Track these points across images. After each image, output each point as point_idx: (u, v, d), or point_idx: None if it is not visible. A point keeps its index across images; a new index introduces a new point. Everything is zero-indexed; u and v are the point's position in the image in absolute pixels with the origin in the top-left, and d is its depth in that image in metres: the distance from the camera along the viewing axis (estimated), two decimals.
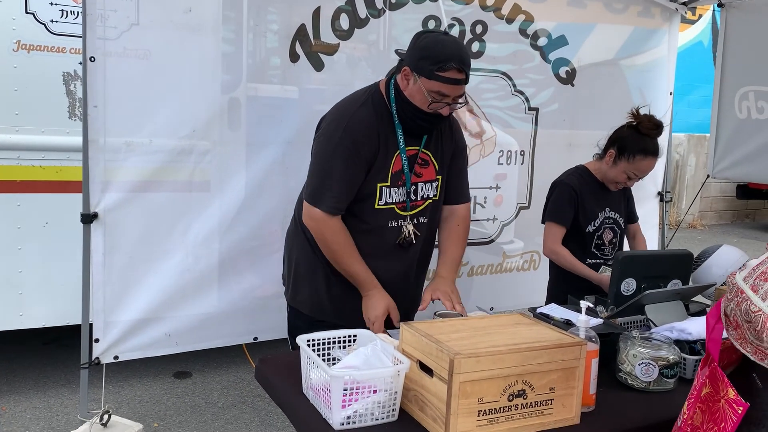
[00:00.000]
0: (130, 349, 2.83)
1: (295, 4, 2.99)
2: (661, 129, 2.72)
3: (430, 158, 2.32)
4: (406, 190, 2.27)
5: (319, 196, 2.18)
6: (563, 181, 2.85)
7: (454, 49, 2.11)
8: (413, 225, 2.32)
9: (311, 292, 2.34)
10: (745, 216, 10.67)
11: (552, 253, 2.85)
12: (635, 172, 2.73)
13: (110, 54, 2.63)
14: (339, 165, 2.16)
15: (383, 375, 1.56)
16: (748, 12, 3.83)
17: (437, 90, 2.11)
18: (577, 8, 3.73)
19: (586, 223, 2.81)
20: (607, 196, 2.86)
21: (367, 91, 2.28)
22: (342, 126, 2.17)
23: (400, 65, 2.20)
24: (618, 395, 1.86)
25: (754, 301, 1.28)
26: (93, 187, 2.66)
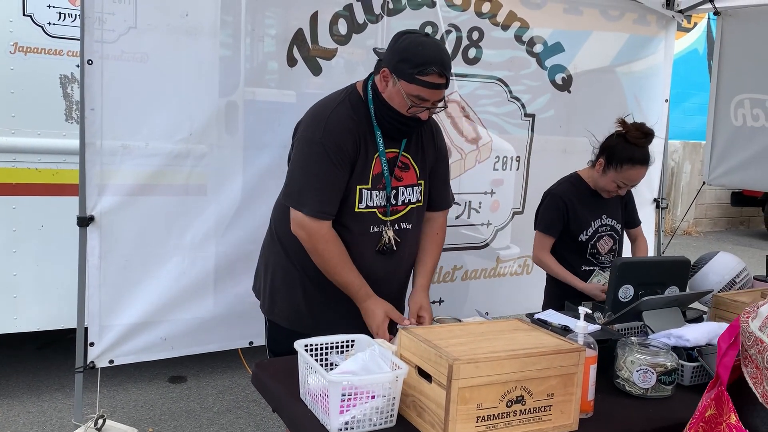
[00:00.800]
0: (125, 353, 2.82)
1: (292, 8, 2.99)
2: (650, 137, 2.69)
3: (411, 162, 2.26)
4: (386, 194, 2.21)
5: (305, 201, 2.10)
6: (553, 191, 2.85)
7: (435, 53, 2.04)
8: (394, 231, 2.24)
9: (289, 304, 2.28)
10: (739, 223, 10.71)
11: (539, 262, 2.88)
12: (624, 181, 2.71)
13: (108, 57, 2.63)
14: (322, 167, 2.09)
15: (381, 380, 1.55)
16: (743, 20, 3.85)
17: (417, 94, 2.05)
18: (573, 15, 3.74)
19: (579, 231, 2.80)
20: (602, 203, 2.85)
21: (344, 91, 2.22)
22: (321, 127, 2.10)
23: (379, 66, 2.14)
24: (616, 401, 1.85)
25: None
26: (89, 190, 2.66)
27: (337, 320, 2.21)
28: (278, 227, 2.32)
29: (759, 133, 3.77)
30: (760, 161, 3.76)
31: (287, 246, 2.27)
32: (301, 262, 2.24)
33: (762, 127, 3.75)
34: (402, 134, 2.21)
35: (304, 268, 2.24)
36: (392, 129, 2.17)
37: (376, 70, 2.16)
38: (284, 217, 2.26)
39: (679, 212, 9.76)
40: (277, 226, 2.33)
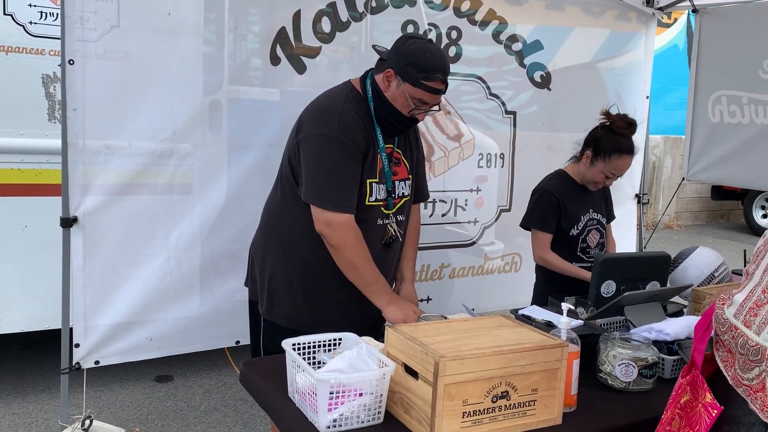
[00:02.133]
0: (111, 353, 2.81)
1: (275, 7, 2.99)
2: (634, 127, 2.77)
3: (402, 158, 2.35)
4: (386, 188, 2.28)
5: (328, 197, 2.13)
6: (543, 187, 2.89)
7: (440, 60, 2.16)
8: (396, 223, 2.34)
9: (289, 305, 2.29)
10: (719, 216, 10.86)
11: (541, 260, 2.88)
12: (612, 171, 2.77)
13: (90, 56, 2.62)
14: (341, 161, 2.13)
15: (369, 378, 1.57)
16: (721, 18, 3.91)
17: (420, 97, 2.16)
18: (554, 11, 3.77)
19: (569, 227, 2.84)
20: (588, 198, 2.90)
21: (342, 89, 2.27)
22: (335, 121, 2.14)
23: (381, 65, 2.21)
24: (599, 395, 1.89)
25: (750, 336, 1.36)
26: (72, 190, 2.64)
27: (337, 316, 2.25)
28: (276, 225, 2.33)
29: (736, 130, 3.83)
30: (737, 157, 3.83)
31: (287, 244, 2.29)
32: (301, 260, 2.27)
33: (738, 123, 3.81)
34: (398, 132, 2.31)
35: (304, 265, 2.27)
36: (390, 127, 2.25)
37: (377, 69, 2.22)
38: (285, 215, 2.30)
39: (661, 206, 9.88)
40: (274, 224, 2.35)
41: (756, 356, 1.36)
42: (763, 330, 1.35)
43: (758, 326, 1.36)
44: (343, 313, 2.27)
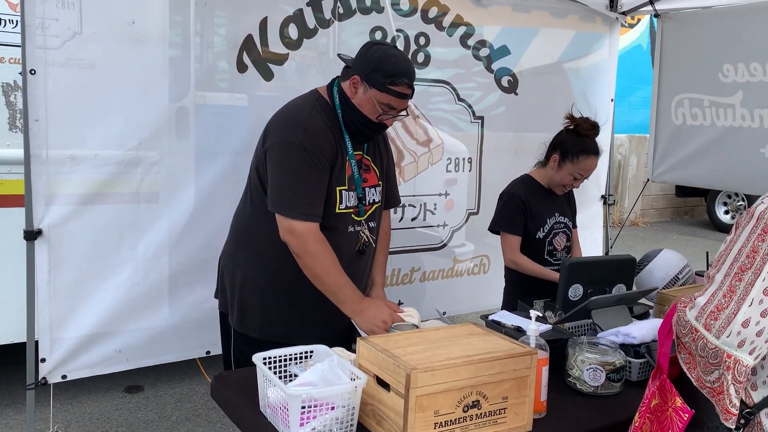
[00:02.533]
0: (78, 367, 2.76)
1: (241, 15, 2.97)
2: (597, 129, 2.84)
3: (371, 164, 2.37)
4: (357, 195, 2.29)
5: (292, 205, 2.12)
6: (510, 191, 2.92)
7: (405, 65, 2.18)
8: (368, 229, 2.35)
9: (261, 316, 2.28)
10: (684, 213, 11.09)
11: (512, 263, 2.90)
12: (581, 173, 2.82)
13: (52, 64, 2.57)
14: (306, 169, 2.12)
15: (341, 392, 1.57)
16: (682, 22, 3.99)
17: (387, 102, 2.17)
18: (520, 13, 3.81)
19: (536, 230, 2.87)
20: (553, 201, 2.94)
21: (309, 97, 2.27)
22: (300, 130, 2.14)
23: (347, 72, 2.22)
24: (568, 400, 1.92)
25: (710, 339, 1.39)
26: (36, 202, 2.59)
27: (310, 326, 2.25)
28: (246, 236, 2.32)
29: (698, 132, 3.92)
30: (700, 158, 3.91)
31: (257, 254, 2.28)
32: (272, 270, 2.26)
33: (700, 125, 3.90)
34: (367, 138, 2.32)
35: (275, 275, 2.26)
36: (359, 133, 2.26)
37: (344, 77, 2.23)
38: (254, 225, 2.29)
39: (627, 204, 10.05)
40: (244, 234, 2.33)
41: (715, 359, 1.40)
42: (722, 334, 1.38)
43: (717, 330, 1.39)
44: (316, 322, 2.26)
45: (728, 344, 1.38)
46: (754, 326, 1.36)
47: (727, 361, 1.38)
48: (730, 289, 1.40)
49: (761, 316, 1.36)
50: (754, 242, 1.39)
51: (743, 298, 1.37)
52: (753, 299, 1.37)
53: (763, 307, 1.36)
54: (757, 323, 1.36)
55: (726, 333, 1.38)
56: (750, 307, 1.37)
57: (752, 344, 1.37)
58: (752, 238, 1.40)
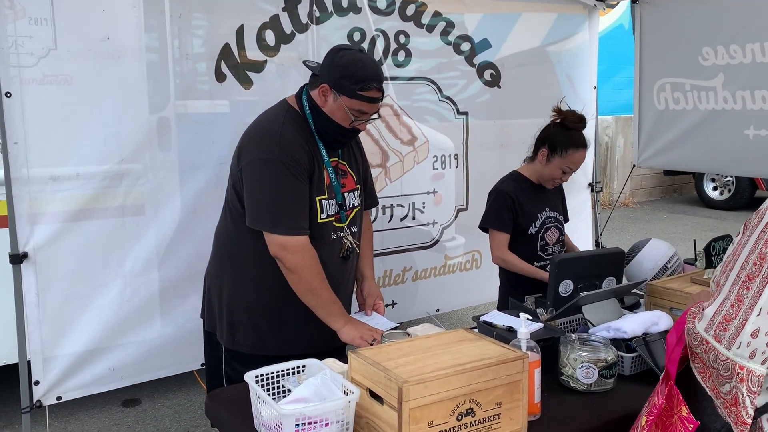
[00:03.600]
0: (73, 387, 2.76)
1: (218, 23, 2.94)
2: (585, 122, 2.83)
3: (348, 169, 2.36)
4: (337, 202, 2.28)
5: (278, 221, 2.11)
6: (498, 188, 2.91)
7: (373, 69, 2.16)
8: (350, 234, 2.34)
9: (252, 332, 2.28)
10: (672, 191, 11.14)
11: (500, 261, 2.89)
12: (570, 166, 2.80)
13: (28, 82, 2.55)
14: (287, 183, 2.11)
15: (334, 408, 1.57)
16: (660, 7, 3.99)
17: (358, 108, 2.16)
18: (501, 0, 3.80)
19: (527, 225, 2.86)
20: (544, 197, 2.93)
21: (279, 109, 2.25)
22: (276, 144, 2.12)
23: (315, 80, 2.19)
24: (562, 399, 1.92)
25: (721, 350, 1.37)
26: (20, 225, 2.58)
27: (301, 339, 2.25)
28: (230, 253, 2.31)
29: (680, 116, 3.93)
30: (684, 142, 3.92)
31: (243, 271, 2.26)
32: (259, 285, 2.25)
33: (683, 109, 3.90)
34: (341, 145, 2.31)
35: (262, 290, 2.25)
36: (333, 140, 2.25)
37: (312, 85, 2.20)
38: (237, 241, 2.27)
39: (616, 185, 10.08)
40: (227, 252, 2.32)
41: (726, 371, 1.37)
42: (732, 345, 1.35)
43: (728, 341, 1.36)
44: (308, 335, 2.26)
45: (739, 355, 1.35)
46: (764, 336, 1.33)
47: (740, 373, 1.35)
48: (738, 299, 1.36)
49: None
50: (761, 249, 1.35)
51: (751, 308, 1.34)
52: (761, 308, 1.33)
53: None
54: (766, 333, 1.33)
55: (736, 344, 1.35)
56: (759, 317, 1.33)
57: (764, 354, 1.34)
58: (759, 244, 1.36)
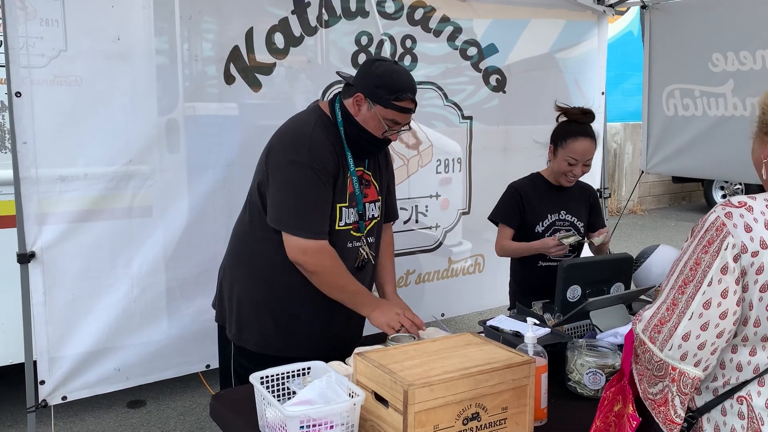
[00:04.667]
0: (78, 388, 2.75)
1: (227, 25, 2.95)
2: (590, 115, 2.79)
3: (372, 179, 2.36)
4: (357, 211, 2.28)
5: (302, 224, 2.12)
6: (512, 184, 2.91)
7: (408, 80, 2.20)
8: (367, 245, 2.34)
9: (259, 329, 2.28)
10: (681, 198, 11.09)
11: (500, 249, 2.88)
12: (572, 156, 2.73)
13: (38, 83, 2.55)
14: (313, 188, 2.13)
15: (339, 410, 1.56)
16: (669, 13, 3.98)
17: (392, 118, 2.19)
18: (509, 6, 3.79)
19: (535, 222, 2.82)
20: (561, 198, 2.87)
21: (311, 114, 2.26)
22: (306, 147, 2.13)
23: (349, 90, 2.22)
24: (569, 404, 1.91)
25: (655, 351, 1.42)
26: (28, 225, 2.58)
27: (308, 340, 2.25)
28: (244, 250, 2.31)
29: (690, 122, 3.91)
30: (693, 148, 3.91)
31: (255, 270, 2.27)
32: (269, 285, 2.26)
33: (692, 116, 3.89)
34: (371, 154, 2.33)
35: (272, 291, 2.25)
36: (362, 149, 2.27)
37: (346, 94, 2.24)
38: (253, 240, 2.28)
39: (624, 192, 10.05)
40: (242, 249, 2.32)
41: (660, 372, 1.42)
42: (665, 347, 1.40)
43: (661, 342, 1.40)
44: (313, 337, 2.26)
45: (671, 357, 1.39)
46: (695, 340, 1.37)
47: (672, 374, 1.40)
48: (673, 302, 1.41)
49: (701, 330, 1.37)
50: (698, 254, 1.39)
51: (684, 312, 1.39)
52: (693, 313, 1.37)
53: (703, 320, 1.37)
54: (697, 336, 1.37)
55: (668, 346, 1.40)
56: (690, 321, 1.37)
57: (695, 357, 1.39)
58: (697, 250, 1.40)
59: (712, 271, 1.36)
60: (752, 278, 1.36)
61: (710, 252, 1.37)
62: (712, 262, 1.36)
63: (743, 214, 1.38)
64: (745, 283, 1.37)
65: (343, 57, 3.27)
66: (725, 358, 1.43)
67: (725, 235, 1.36)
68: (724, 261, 1.35)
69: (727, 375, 1.43)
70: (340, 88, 3.21)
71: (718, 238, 1.37)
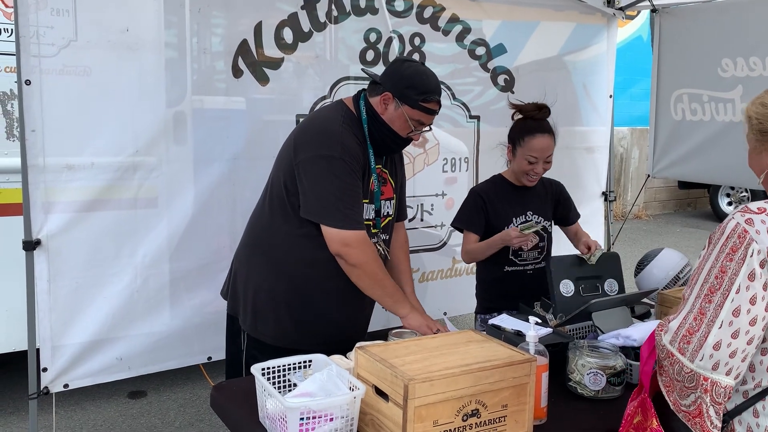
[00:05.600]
0: (80, 376, 2.76)
1: (236, 19, 2.96)
2: (545, 110, 2.70)
3: (388, 177, 2.38)
4: (374, 208, 2.30)
5: (343, 217, 2.13)
6: (473, 188, 2.89)
7: (436, 82, 2.25)
8: (383, 241, 2.36)
9: (275, 322, 2.28)
10: (687, 205, 11.05)
11: (466, 254, 2.80)
12: (531, 154, 2.65)
13: (48, 72, 2.56)
14: (348, 180, 2.15)
15: (339, 403, 1.57)
16: (679, 18, 3.97)
17: (418, 119, 2.23)
18: (519, 7, 3.79)
19: (500, 225, 2.74)
20: (525, 199, 2.80)
21: (337, 110, 2.28)
22: (338, 143, 2.15)
23: (376, 88, 2.24)
24: (569, 404, 1.91)
25: (685, 363, 1.41)
26: (34, 213, 2.59)
27: (324, 335, 2.26)
28: (263, 243, 2.32)
29: (697, 127, 3.90)
30: (700, 154, 3.90)
31: (274, 262, 2.28)
32: (288, 279, 2.27)
33: (700, 120, 3.88)
34: (392, 152, 2.37)
35: (291, 284, 2.27)
36: (384, 147, 2.30)
37: (373, 92, 2.26)
38: (273, 233, 2.29)
39: (630, 197, 10.02)
40: (261, 241, 2.33)
41: (691, 383, 1.41)
42: (696, 357, 1.39)
43: (691, 353, 1.40)
44: (329, 332, 2.27)
45: (702, 367, 1.38)
46: (726, 348, 1.36)
47: (704, 384, 1.38)
48: (701, 312, 1.40)
49: (732, 338, 1.36)
50: (722, 262, 1.38)
51: (713, 321, 1.37)
52: (723, 321, 1.37)
53: (734, 328, 1.36)
54: (728, 345, 1.36)
55: (699, 356, 1.39)
56: (720, 330, 1.37)
57: (727, 365, 1.37)
58: (721, 258, 1.39)
59: (739, 279, 1.35)
60: None
61: (735, 259, 1.36)
62: (738, 269, 1.36)
63: (764, 219, 1.38)
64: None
65: (352, 54, 3.27)
66: (755, 361, 1.42)
67: (749, 242, 1.35)
68: (750, 268, 1.35)
69: (757, 378, 1.43)
70: (347, 84, 3.28)
71: (742, 245, 1.36)
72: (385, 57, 3.35)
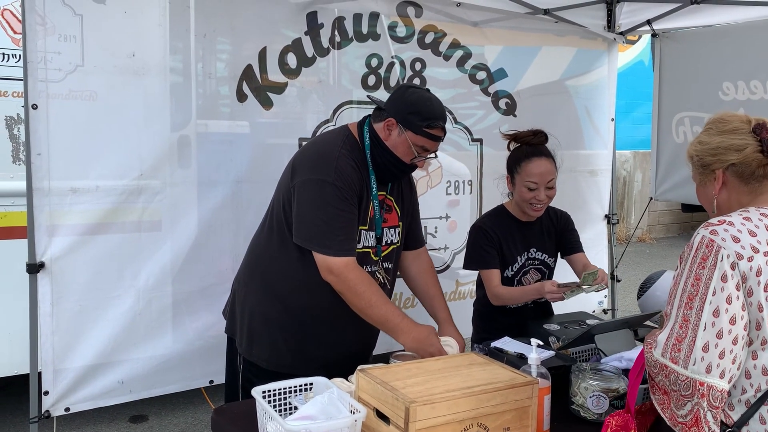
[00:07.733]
0: (81, 399, 2.76)
1: (241, 45, 3.00)
2: (541, 135, 2.64)
3: (393, 204, 2.36)
4: (375, 236, 2.29)
5: (330, 243, 2.12)
6: (479, 225, 2.75)
7: (440, 108, 2.23)
8: (384, 270, 2.33)
9: (270, 345, 2.28)
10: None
11: (496, 298, 2.65)
12: (530, 180, 2.56)
13: (54, 97, 2.60)
14: (340, 206, 2.13)
15: (340, 426, 1.56)
16: (680, 42, 4.00)
17: (422, 145, 2.21)
18: (520, 33, 3.83)
19: (504, 267, 2.68)
20: (527, 235, 2.72)
21: (339, 134, 2.28)
22: (332, 167, 2.14)
23: (380, 114, 2.24)
24: (571, 428, 1.90)
25: (680, 371, 1.45)
26: (38, 236, 2.61)
27: (319, 359, 2.24)
28: (261, 265, 2.32)
29: None
30: None
31: (270, 285, 2.28)
32: (283, 302, 2.26)
33: None
34: (396, 179, 2.34)
35: (286, 307, 2.26)
36: (388, 174, 2.28)
37: (376, 118, 2.26)
38: (270, 256, 2.28)
39: (633, 220, 10.01)
40: (259, 263, 2.33)
41: (687, 390, 1.44)
42: (689, 362, 1.44)
43: (684, 360, 1.45)
44: (325, 357, 2.26)
45: (697, 372, 1.43)
46: (714, 349, 1.42)
47: (701, 389, 1.42)
48: (684, 319, 1.46)
49: (717, 338, 1.42)
50: (696, 271, 1.46)
51: (697, 324, 1.44)
52: (705, 323, 1.43)
53: (717, 329, 1.42)
54: (716, 345, 1.42)
55: (692, 361, 1.44)
56: (705, 332, 1.43)
57: (719, 367, 1.42)
58: (694, 268, 1.47)
59: (713, 282, 1.44)
60: (754, 281, 1.43)
61: (707, 266, 1.45)
62: (711, 274, 1.44)
63: (726, 228, 1.48)
64: (748, 288, 1.43)
65: (354, 78, 3.31)
66: (749, 366, 1.47)
67: (717, 249, 1.45)
68: (722, 270, 1.43)
69: (755, 383, 1.46)
70: (350, 108, 3.31)
71: (711, 253, 1.45)
72: (386, 82, 3.38)
